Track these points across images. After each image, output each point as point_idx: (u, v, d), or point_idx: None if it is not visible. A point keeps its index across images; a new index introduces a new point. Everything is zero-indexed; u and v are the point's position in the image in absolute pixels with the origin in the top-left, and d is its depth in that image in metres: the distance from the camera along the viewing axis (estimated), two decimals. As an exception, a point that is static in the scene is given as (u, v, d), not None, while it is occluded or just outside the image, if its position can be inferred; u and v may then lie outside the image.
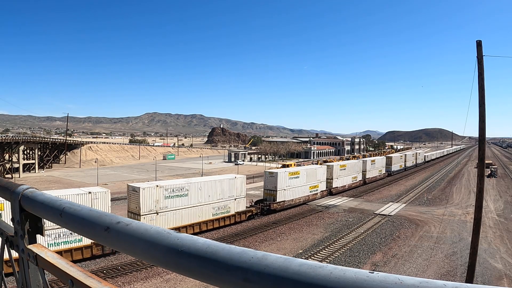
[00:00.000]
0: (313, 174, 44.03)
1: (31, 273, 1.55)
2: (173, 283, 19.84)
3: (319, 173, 45.44)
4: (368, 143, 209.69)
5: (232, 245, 0.91)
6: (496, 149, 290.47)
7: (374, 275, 0.73)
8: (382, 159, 71.62)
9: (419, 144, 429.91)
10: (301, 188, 41.31)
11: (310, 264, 0.80)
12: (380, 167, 67.93)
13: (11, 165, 72.74)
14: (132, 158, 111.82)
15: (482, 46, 14.75)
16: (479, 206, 14.94)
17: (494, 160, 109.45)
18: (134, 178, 65.91)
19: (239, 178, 34.02)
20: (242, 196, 33.66)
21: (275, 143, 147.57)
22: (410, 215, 36.78)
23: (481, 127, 14.51)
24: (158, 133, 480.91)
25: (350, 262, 23.87)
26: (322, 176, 45.97)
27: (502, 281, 20.61)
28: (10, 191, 1.62)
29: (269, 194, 38.09)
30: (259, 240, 28.46)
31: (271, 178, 38.23)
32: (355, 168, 56.52)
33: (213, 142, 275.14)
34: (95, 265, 22.25)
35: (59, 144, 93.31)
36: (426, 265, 23.26)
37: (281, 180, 38.08)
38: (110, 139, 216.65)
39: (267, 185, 38.64)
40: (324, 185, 46.84)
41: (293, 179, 39.82)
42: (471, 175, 73.17)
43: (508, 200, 45.97)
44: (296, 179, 40.31)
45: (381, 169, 68.73)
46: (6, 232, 1.68)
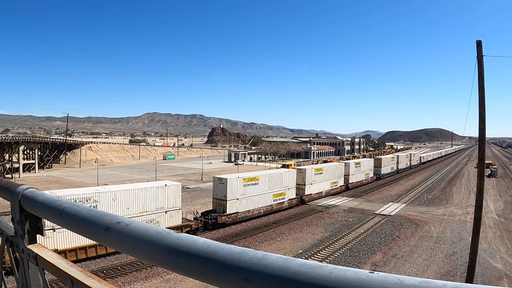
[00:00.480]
0: (278, 179, 37.82)
1: (31, 273, 1.55)
2: (173, 283, 19.84)
3: (287, 179, 39.05)
4: (368, 143, 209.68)
5: (232, 245, 0.91)
6: (496, 149, 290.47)
7: (374, 275, 0.73)
8: (369, 161, 65.02)
9: (419, 144, 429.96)
10: (262, 196, 35.32)
11: (310, 264, 0.80)
12: (366, 170, 61.38)
13: (11, 165, 72.72)
14: (132, 158, 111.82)
15: (482, 46, 14.75)
16: (479, 206, 14.94)
17: (494, 160, 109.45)
18: (134, 178, 65.92)
19: (172, 186, 28.35)
20: (176, 208, 28.20)
21: (275, 143, 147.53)
22: (410, 215, 36.78)
23: (481, 127, 14.51)
24: (158, 133, 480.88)
25: (350, 262, 23.87)
26: (290, 181, 39.61)
27: (502, 281, 20.61)
28: (10, 191, 1.62)
29: (218, 204, 32.13)
30: (259, 240, 28.46)
31: (220, 185, 32.15)
32: (335, 172, 49.97)
33: (213, 142, 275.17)
34: (95, 265, 22.25)
35: (59, 144, 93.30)
36: (426, 265, 23.26)
37: (233, 187, 32.15)
38: (110, 139, 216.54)
39: (216, 193, 32.57)
40: (293, 193, 40.25)
41: (249, 186, 33.92)
42: (471, 175, 73.17)
43: (508, 200, 45.97)
44: (254, 186, 34.38)
45: (368, 172, 62.18)
46: (6, 232, 1.68)
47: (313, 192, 44.71)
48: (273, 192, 36.92)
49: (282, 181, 38.50)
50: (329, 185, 48.40)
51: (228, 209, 31.62)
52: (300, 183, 42.70)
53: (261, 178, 35.38)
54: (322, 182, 46.69)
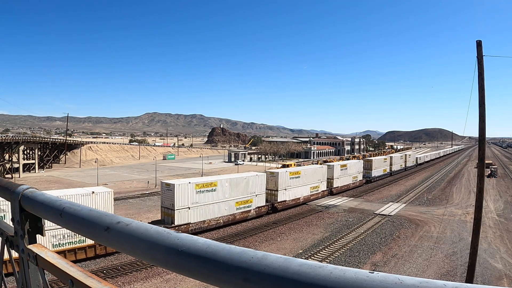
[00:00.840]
0: (243, 185, 33.24)
1: (31, 273, 1.55)
2: (173, 283, 19.85)
3: (254, 184, 34.60)
4: (368, 143, 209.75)
5: (232, 245, 0.91)
6: (496, 149, 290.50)
7: (374, 275, 0.73)
8: (358, 163, 59.30)
9: (419, 144, 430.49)
10: (220, 205, 30.93)
11: (310, 264, 0.80)
12: (354, 173, 56.34)
13: (11, 165, 72.75)
14: (132, 158, 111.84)
15: (482, 46, 14.76)
16: (479, 206, 14.94)
17: (494, 160, 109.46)
18: (134, 178, 65.95)
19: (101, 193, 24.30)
20: None
21: (275, 143, 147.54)
22: (410, 215, 36.79)
23: (481, 127, 14.51)
24: (158, 133, 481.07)
25: (350, 262, 23.87)
26: (258, 187, 35.16)
27: (502, 281, 20.62)
28: (10, 191, 1.62)
29: (166, 213, 28.39)
30: (259, 240, 28.46)
31: (168, 191, 27.99)
32: (315, 176, 44.99)
33: (213, 142, 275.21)
34: (95, 265, 22.25)
35: (59, 144, 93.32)
36: (426, 265, 23.26)
37: (183, 194, 27.92)
38: (110, 139, 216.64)
39: (164, 201, 28.58)
40: (262, 199, 35.97)
41: (205, 193, 29.74)
42: (471, 175, 73.17)
43: (508, 200, 45.98)
44: (211, 192, 30.26)
45: (357, 175, 57.22)
46: (6, 232, 1.68)
47: (288, 198, 39.42)
48: (235, 199, 32.35)
49: (248, 187, 33.80)
50: (309, 190, 43.22)
51: (177, 219, 27.53)
52: (272, 189, 37.95)
53: (219, 184, 30.81)
54: (300, 187, 41.49)
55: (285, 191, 39.21)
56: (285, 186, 39.09)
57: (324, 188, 47.24)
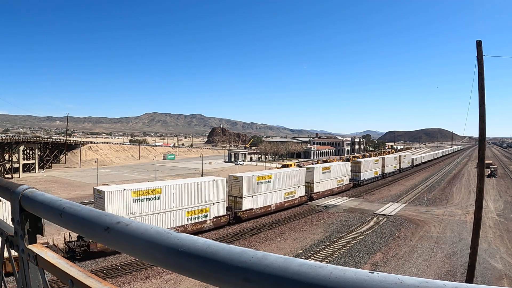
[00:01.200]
0: (197, 191, 29.15)
1: (31, 273, 1.55)
2: (173, 283, 19.85)
3: (211, 190, 30.27)
4: (368, 143, 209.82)
5: (232, 245, 0.91)
6: (496, 149, 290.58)
7: (374, 275, 0.73)
8: (344, 166, 53.85)
9: (419, 144, 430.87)
10: (167, 215, 26.93)
11: (310, 264, 0.80)
12: (340, 176, 51.26)
13: (11, 165, 72.75)
14: (132, 158, 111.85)
15: (482, 46, 14.76)
16: (479, 206, 14.94)
17: (494, 160, 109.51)
18: (134, 178, 65.94)
19: None
20: None
21: (275, 143, 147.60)
22: (410, 215, 36.80)
23: (481, 127, 14.51)
24: (158, 133, 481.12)
25: (350, 262, 23.88)
26: (217, 194, 30.74)
27: (502, 281, 20.62)
28: (10, 191, 1.62)
29: None
30: (259, 240, 28.47)
31: (99, 199, 24.14)
32: (291, 180, 39.88)
33: (213, 142, 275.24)
34: (95, 265, 22.26)
35: (59, 144, 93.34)
36: (426, 265, 23.27)
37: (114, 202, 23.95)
38: (110, 139, 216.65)
39: None
40: (222, 208, 31.34)
41: (146, 202, 25.65)
42: (471, 175, 73.19)
43: (508, 200, 45.99)
44: (154, 201, 26.17)
45: (343, 178, 52.37)
46: (6, 232, 1.68)
47: (256, 206, 34.72)
48: (188, 208, 28.48)
49: (203, 194, 29.69)
50: (282, 196, 38.37)
51: None
52: (236, 195, 33.93)
53: (164, 190, 26.84)
54: (272, 193, 36.72)
55: (252, 198, 34.12)
56: (251, 192, 34.22)
57: (302, 193, 42.10)
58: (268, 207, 36.44)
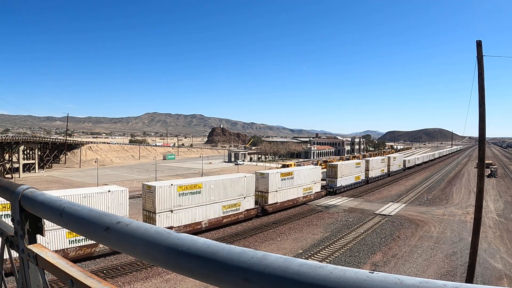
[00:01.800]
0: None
1: (31, 273, 1.55)
2: (173, 283, 19.85)
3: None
4: (368, 143, 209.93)
5: (232, 245, 0.91)
6: (496, 149, 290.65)
7: (374, 275, 0.73)
8: (313, 171, 45.43)
9: (419, 144, 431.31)
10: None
11: (310, 264, 0.80)
12: (307, 183, 43.05)
13: (11, 165, 72.78)
14: (132, 158, 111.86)
15: (482, 46, 14.76)
16: (479, 206, 14.94)
17: (494, 160, 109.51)
18: (134, 178, 65.94)
19: None
20: None
21: (275, 143, 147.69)
22: (410, 215, 36.80)
23: (481, 127, 14.52)
24: (158, 133, 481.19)
25: (350, 262, 23.88)
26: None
27: (502, 281, 20.62)
28: (10, 191, 1.62)
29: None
30: (259, 240, 28.48)
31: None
32: (235, 188, 32.76)
33: (213, 142, 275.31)
34: (95, 265, 22.25)
35: (59, 144, 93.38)
36: (426, 265, 23.27)
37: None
38: (110, 139, 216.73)
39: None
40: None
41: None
42: (471, 175, 73.20)
43: (508, 200, 45.99)
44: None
45: (311, 186, 43.88)
46: (6, 232, 1.68)
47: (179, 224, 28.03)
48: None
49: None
50: (221, 210, 31.31)
51: None
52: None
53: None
54: (203, 206, 29.86)
55: (172, 213, 27.67)
56: (171, 206, 27.62)
57: (251, 205, 34.73)
58: (198, 223, 29.84)
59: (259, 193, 36.39)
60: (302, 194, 42.37)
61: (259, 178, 36.97)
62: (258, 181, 36.61)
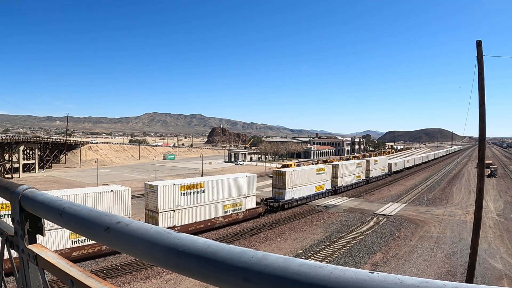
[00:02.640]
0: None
1: (31, 273, 1.55)
2: (173, 283, 19.84)
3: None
4: (368, 143, 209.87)
5: (232, 245, 0.91)
6: (496, 149, 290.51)
7: (374, 275, 0.73)
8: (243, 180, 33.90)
9: (419, 144, 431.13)
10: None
11: (310, 264, 0.80)
12: (234, 197, 32.53)
13: (11, 165, 72.74)
14: (132, 158, 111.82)
15: (482, 46, 14.76)
16: (479, 206, 14.94)
17: (494, 160, 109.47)
18: (134, 178, 65.94)
19: None
20: None
21: (275, 143, 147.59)
22: (410, 215, 36.79)
23: (481, 127, 14.51)
24: (158, 133, 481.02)
25: (350, 262, 23.87)
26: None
27: (502, 281, 20.62)
28: (10, 191, 1.62)
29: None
30: (259, 240, 28.46)
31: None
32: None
33: (213, 142, 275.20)
34: (95, 265, 22.25)
35: (59, 144, 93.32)
36: (426, 265, 23.26)
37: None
38: (110, 139, 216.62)
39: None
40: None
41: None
42: (471, 175, 73.18)
43: (508, 200, 45.98)
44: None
45: (240, 201, 33.19)
46: (6, 232, 1.68)
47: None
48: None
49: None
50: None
51: None
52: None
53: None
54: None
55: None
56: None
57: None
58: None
59: (149, 212, 27.39)
60: (222, 214, 31.55)
61: (148, 192, 27.51)
62: (147, 196, 27.67)
